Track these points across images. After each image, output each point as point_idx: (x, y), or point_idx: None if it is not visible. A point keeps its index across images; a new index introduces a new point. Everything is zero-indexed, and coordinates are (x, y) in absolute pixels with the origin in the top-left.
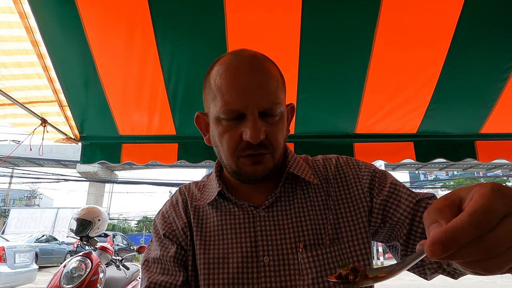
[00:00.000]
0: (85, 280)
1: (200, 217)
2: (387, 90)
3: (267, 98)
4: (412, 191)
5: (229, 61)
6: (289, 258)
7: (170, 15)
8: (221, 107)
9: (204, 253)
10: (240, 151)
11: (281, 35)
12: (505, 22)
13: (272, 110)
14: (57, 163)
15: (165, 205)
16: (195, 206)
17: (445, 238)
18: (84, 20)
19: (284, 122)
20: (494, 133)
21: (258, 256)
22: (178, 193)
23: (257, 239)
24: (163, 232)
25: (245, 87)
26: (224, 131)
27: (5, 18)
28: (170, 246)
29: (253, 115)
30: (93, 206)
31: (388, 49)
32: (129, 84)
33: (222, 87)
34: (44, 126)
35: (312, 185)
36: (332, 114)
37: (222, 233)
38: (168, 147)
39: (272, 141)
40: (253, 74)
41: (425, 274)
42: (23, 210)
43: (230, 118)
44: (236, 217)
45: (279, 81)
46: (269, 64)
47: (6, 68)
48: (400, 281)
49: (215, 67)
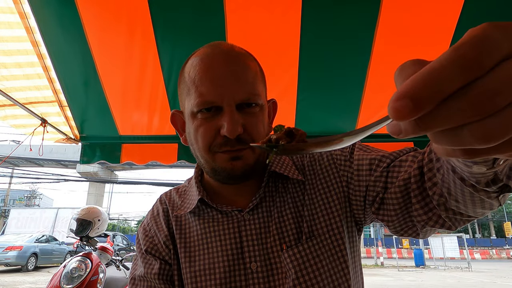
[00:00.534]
0: (85, 280)
1: (183, 227)
2: (387, 89)
3: (244, 88)
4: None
5: (204, 52)
6: (276, 262)
7: (170, 15)
8: (196, 100)
9: (190, 265)
10: (216, 146)
11: (281, 35)
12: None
13: (251, 100)
14: (57, 163)
15: (147, 217)
16: (176, 216)
17: (416, 86)
18: (84, 20)
19: (265, 115)
20: None
21: (245, 263)
22: (158, 202)
23: (243, 245)
24: (145, 248)
25: (220, 78)
26: (199, 125)
27: (5, 18)
28: (154, 263)
29: (230, 107)
30: (93, 206)
31: (388, 49)
32: (129, 84)
33: (196, 79)
34: (44, 126)
35: (291, 180)
36: (332, 114)
37: (206, 241)
38: (168, 147)
39: (252, 133)
40: (229, 65)
41: (415, 229)
42: (23, 210)
43: (205, 109)
44: (220, 224)
45: (257, 74)
46: (247, 56)
47: (6, 68)
48: (400, 281)
49: (190, 60)
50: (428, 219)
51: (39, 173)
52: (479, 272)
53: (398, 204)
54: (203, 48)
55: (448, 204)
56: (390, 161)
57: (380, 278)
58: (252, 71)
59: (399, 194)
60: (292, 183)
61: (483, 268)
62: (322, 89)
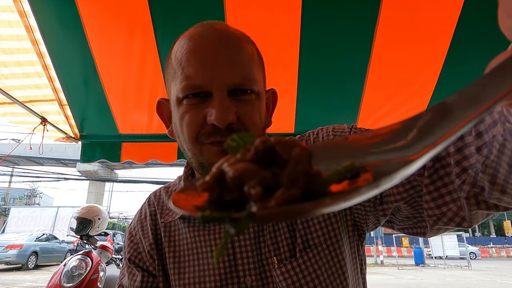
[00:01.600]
0: (85, 279)
1: (172, 234)
2: (388, 88)
3: (238, 72)
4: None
5: (195, 31)
6: (272, 275)
7: (170, 14)
8: (182, 83)
9: (179, 278)
10: (203, 136)
11: (281, 33)
12: None
13: (245, 86)
14: (57, 162)
15: (134, 219)
16: (164, 222)
17: None
18: (84, 19)
19: (262, 103)
20: None
21: (239, 277)
22: (146, 204)
23: (236, 257)
24: (129, 255)
25: (210, 59)
26: (185, 111)
27: (5, 17)
28: (136, 274)
29: (221, 91)
30: (93, 205)
31: (389, 48)
32: (129, 83)
33: (183, 60)
34: (44, 125)
35: None
36: (332, 112)
37: (197, 251)
38: (168, 146)
39: (246, 123)
40: (221, 45)
41: (423, 226)
42: (23, 209)
43: (192, 94)
44: (211, 233)
45: (254, 57)
46: (243, 37)
47: (6, 67)
48: (400, 280)
49: (178, 40)
50: (442, 214)
51: (39, 172)
52: (479, 270)
53: (401, 194)
54: (194, 27)
55: (486, 196)
56: None
57: (380, 277)
58: (247, 54)
59: (403, 187)
60: None
61: (482, 266)
62: (322, 87)
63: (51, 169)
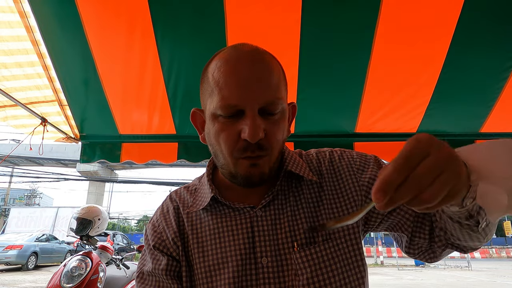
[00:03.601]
0: (85, 279)
1: (195, 224)
2: (388, 89)
3: (268, 93)
4: None
5: (229, 54)
6: (286, 258)
7: (170, 14)
8: (218, 102)
9: (203, 260)
10: (238, 152)
11: (281, 34)
12: (505, 21)
13: (273, 105)
14: (57, 162)
15: (156, 213)
16: (187, 213)
17: (381, 185)
18: (84, 19)
19: (285, 121)
20: (495, 132)
21: (256, 258)
22: (168, 200)
23: (255, 240)
24: (153, 243)
25: (244, 81)
26: (221, 129)
27: (6, 17)
28: (161, 258)
29: (253, 111)
30: (93, 205)
31: (389, 48)
32: (129, 83)
33: (220, 81)
34: (44, 126)
35: (305, 180)
36: (332, 113)
37: (219, 236)
38: (168, 146)
39: (271, 141)
40: (253, 68)
41: (433, 252)
42: (23, 209)
43: (227, 114)
44: (232, 219)
45: (280, 76)
46: (271, 58)
47: (6, 68)
48: (399, 280)
49: (214, 61)
50: (446, 240)
51: (39, 172)
52: (479, 271)
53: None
54: (228, 49)
55: (447, 237)
56: None
57: (380, 277)
58: (276, 75)
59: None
60: (306, 183)
61: (482, 267)
62: (322, 88)
63: (51, 170)
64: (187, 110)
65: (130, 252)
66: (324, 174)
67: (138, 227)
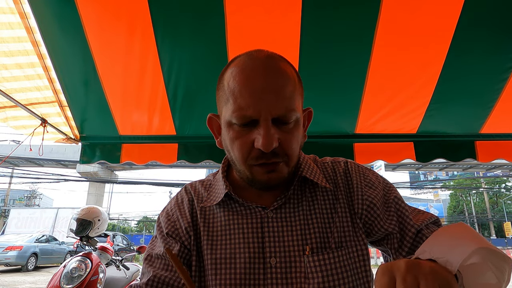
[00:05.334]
0: (85, 280)
1: (207, 217)
2: (387, 90)
3: (281, 104)
4: (414, 211)
5: (244, 63)
6: (295, 260)
7: (170, 15)
8: (233, 112)
9: (212, 253)
10: (252, 159)
11: (281, 36)
12: (504, 23)
13: (287, 117)
14: (57, 163)
15: (170, 203)
16: (201, 207)
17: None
18: (84, 20)
19: (300, 129)
20: (494, 133)
21: (265, 258)
22: (183, 192)
23: (264, 240)
24: (166, 230)
25: (259, 91)
26: (236, 137)
27: (6, 18)
28: (174, 244)
29: (266, 121)
30: (93, 206)
31: (388, 49)
32: (129, 84)
33: (235, 91)
34: (44, 127)
35: (320, 187)
36: (332, 114)
37: (230, 232)
38: (168, 147)
39: (286, 149)
40: (268, 77)
41: None
42: (23, 210)
43: (242, 123)
44: (244, 217)
45: (295, 85)
46: (286, 65)
47: (7, 69)
48: None
49: (229, 68)
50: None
51: (39, 173)
52: None
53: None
54: (243, 57)
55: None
56: (415, 231)
57: None
58: (291, 83)
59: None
60: (321, 190)
61: None
62: (322, 89)
63: (51, 170)
64: (187, 111)
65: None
66: (339, 184)
67: (138, 228)
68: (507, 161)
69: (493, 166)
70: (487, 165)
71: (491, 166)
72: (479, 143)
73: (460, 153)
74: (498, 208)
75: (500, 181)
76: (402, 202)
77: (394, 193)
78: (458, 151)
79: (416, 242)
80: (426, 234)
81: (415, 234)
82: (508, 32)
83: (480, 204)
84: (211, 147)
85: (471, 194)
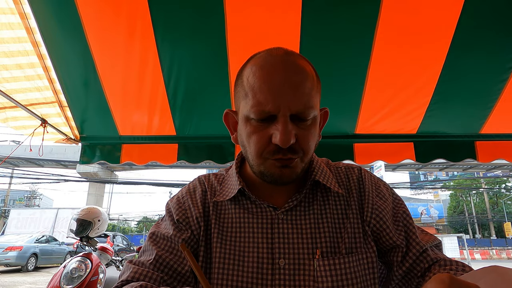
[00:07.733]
0: (85, 281)
1: (219, 212)
2: (387, 90)
3: (300, 100)
4: (419, 229)
5: (263, 59)
6: (304, 263)
7: (170, 15)
8: (252, 107)
9: (221, 247)
10: (268, 153)
11: (281, 35)
12: (505, 23)
13: (305, 114)
14: (57, 164)
15: (181, 191)
16: (214, 201)
17: None
18: (84, 21)
19: (317, 127)
20: (494, 133)
21: (274, 258)
22: (197, 182)
23: (274, 241)
24: (177, 217)
25: (278, 88)
26: (253, 131)
27: (6, 19)
28: (184, 231)
29: (285, 117)
30: (93, 207)
31: (389, 50)
32: (129, 84)
33: (255, 86)
34: (44, 127)
35: (332, 192)
36: (332, 114)
37: (240, 230)
38: (168, 147)
39: (302, 146)
40: (287, 74)
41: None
42: (23, 210)
43: (260, 118)
44: (255, 216)
45: (314, 82)
46: (305, 63)
47: (7, 70)
48: None
49: (249, 65)
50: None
51: (39, 174)
52: None
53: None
54: (263, 54)
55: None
56: (419, 248)
57: None
58: (310, 80)
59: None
60: (333, 195)
61: None
62: (322, 89)
63: (51, 171)
64: (187, 111)
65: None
66: (352, 190)
67: (138, 228)
68: (507, 161)
69: (493, 167)
70: (487, 165)
71: (491, 166)
72: (479, 143)
73: (460, 153)
74: (498, 209)
75: (500, 182)
76: (410, 219)
77: (403, 208)
78: (458, 151)
79: (418, 261)
80: (431, 255)
81: (419, 252)
82: (508, 32)
83: (480, 205)
84: (211, 148)
85: (471, 194)
